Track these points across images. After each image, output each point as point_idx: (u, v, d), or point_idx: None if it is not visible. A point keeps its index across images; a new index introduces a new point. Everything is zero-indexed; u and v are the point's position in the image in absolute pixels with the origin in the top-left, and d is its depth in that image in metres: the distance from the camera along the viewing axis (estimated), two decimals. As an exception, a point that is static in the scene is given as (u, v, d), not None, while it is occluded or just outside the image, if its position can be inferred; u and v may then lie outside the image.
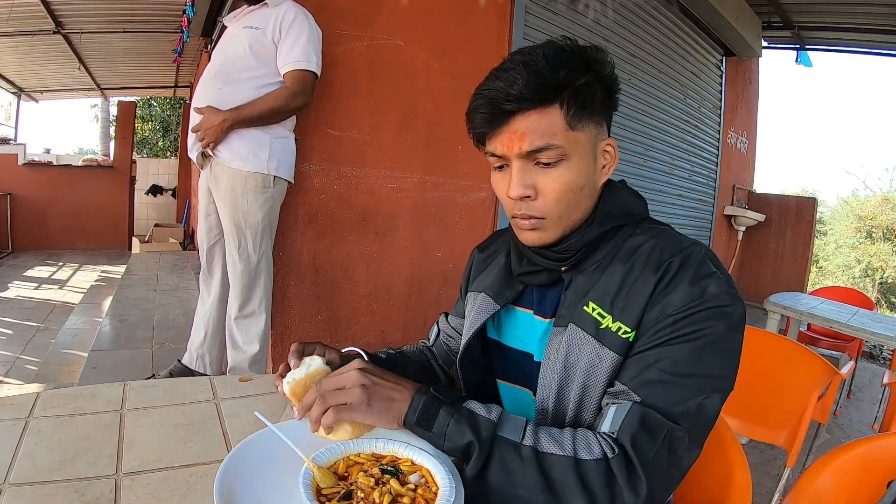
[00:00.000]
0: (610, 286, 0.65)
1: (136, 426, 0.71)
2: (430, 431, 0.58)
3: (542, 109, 0.63)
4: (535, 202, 0.66)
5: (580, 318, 0.65)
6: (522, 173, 0.66)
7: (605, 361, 0.63)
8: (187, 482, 0.60)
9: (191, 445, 0.68)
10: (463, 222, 2.94)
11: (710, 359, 0.59)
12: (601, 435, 0.58)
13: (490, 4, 2.89)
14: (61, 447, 0.64)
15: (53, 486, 0.57)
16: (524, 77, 0.62)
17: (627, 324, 0.62)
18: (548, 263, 0.71)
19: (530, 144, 0.64)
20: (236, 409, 0.80)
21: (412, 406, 0.59)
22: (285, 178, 1.99)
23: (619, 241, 0.69)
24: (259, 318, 1.99)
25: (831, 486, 0.73)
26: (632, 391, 0.59)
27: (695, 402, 0.58)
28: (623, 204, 0.71)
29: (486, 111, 0.65)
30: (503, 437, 0.57)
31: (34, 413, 0.72)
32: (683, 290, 0.60)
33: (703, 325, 0.59)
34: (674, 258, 0.63)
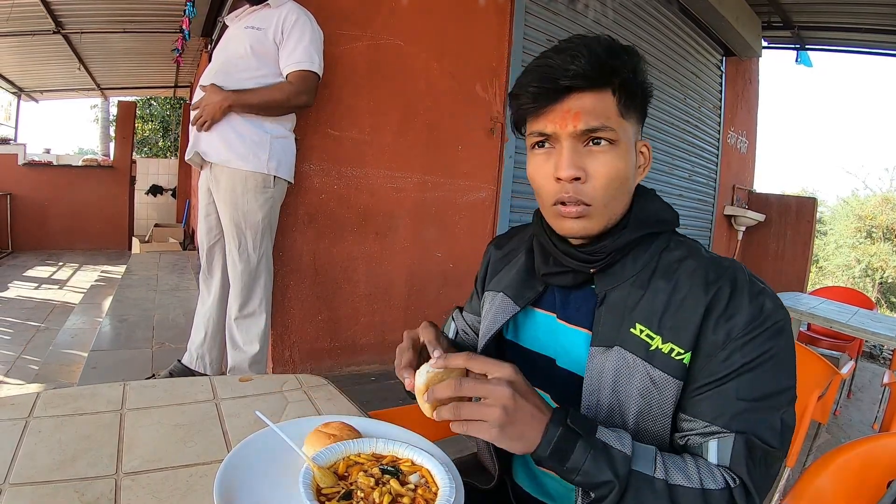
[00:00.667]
0: (656, 305, 0.63)
1: (136, 426, 0.71)
2: (563, 466, 0.54)
3: (598, 92, 0.63)
4: (585, 185, 0.64)
5: (627, 341, 0.63)
6: (573, 154, 0.64)
7: (661, 384, 0.61)
8: (187, 482, 0.60)
9: (191, 445, 0.68)
10: (463, 222, 2.94)
11: (781, 375, 0.60)
12: (717, 467, 0.58)
13: (490, 4, 2.89)
14: (61, 447, 0.64)
15: (53, 486, 0.57)
16: (586, 56, 0.62)
17: (680, 345, 0.60)
18: (575, 264, 0.68)
19: (586, 123, 0.62)
20: (236, 409, 0.80)
21: (546, 438, 0.54)
22: (285, 178, 1.99)
23: (654, 253, 0.67)
24: (259, 318, 1.99)
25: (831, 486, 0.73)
26: (723, 427, 0.59)
27: (778, 419, 0.59)
28: (656, 211, 0.70)
29: (538, 88, 0.63)
30: (638, 471, 0.55)
31: (34, 413, 0.72)
32: (745, 313, 0.60)
33: (768, 346, 0.59)
34: (721, 281, 0.62)
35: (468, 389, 0.55)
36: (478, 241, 3.01)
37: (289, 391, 0.88)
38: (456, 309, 0.94)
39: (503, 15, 2.97)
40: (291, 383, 0.91)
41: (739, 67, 5.36)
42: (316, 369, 2.50)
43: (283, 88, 1.89)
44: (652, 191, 0.74)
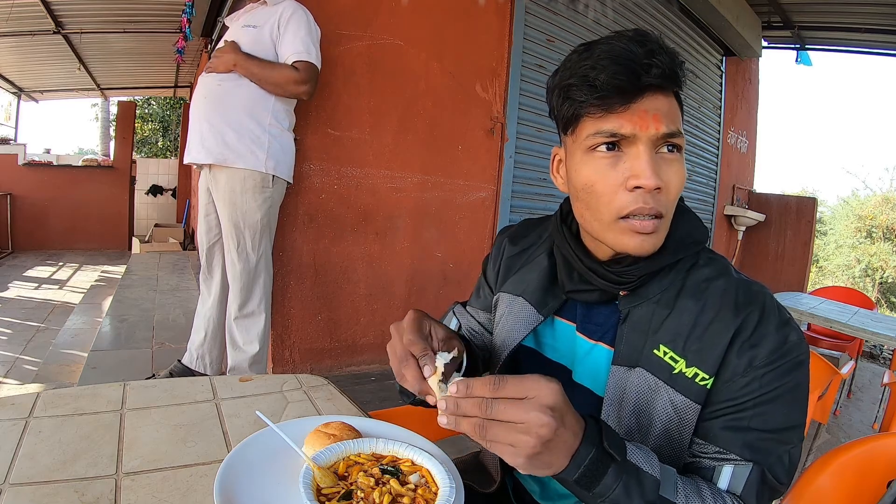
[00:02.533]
0: (681, 326, 0.60)
1: (136, 426, 0.71)
2: (590, 492, 0.49)
3: (668, 95, 0.58)
4: (661, 195, 0.58)
5: (650, 363, 0.60)
6: (654, 161, 0.57)
7: (680, 408, 0.59)
8: (187, 482, 0.60)
9: (191, 445, 0.68)
10: (463, 222, 2.94)
11: (795, 409, 0.59)
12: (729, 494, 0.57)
13: (490, 4, 2.89)
14: (61, 447, 0.64)
15: (53, 486, 0.57)
16: (668, 55, 0.56)
17: (704, 370, 0.58)
18: (604, 284, 0.63)
19: (667, 127, 0.57)
20: (236, 409, 0.80)
21: (575, 461, 0.48)
22: (284, 177, 1.99)
23: (682, 271, 0.63)
24: (259, 317, 1.99)
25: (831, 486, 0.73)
26: (736, 455, 0.57)
27: (787, 455, 0.58)
28: (692, 230, 0.65)
29: (617, 80, 0.55)
30: (665, 497, 0.52)
31: (34, 413, 0.72)
32: (770, 342, 0.57)
33: (787, 379, 0.57)
34: (752, 306, 0.59)
35: (499, 413, 0.46)
36: (478, 241, 3.01)
37: (289, 391, 0.88)
38: (457, 304, 0.87)
39: (503, 15, 2.97)
40: (291, 383, 0.91)
41: (739, 67, 5.36)
42: (316, 369, 2.50)
43: (287, 72, 1.88)
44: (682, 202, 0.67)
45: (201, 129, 1.89)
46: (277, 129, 1.94)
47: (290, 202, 2.33)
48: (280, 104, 1.94)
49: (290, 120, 2.02)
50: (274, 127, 1.93)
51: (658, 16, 4.08)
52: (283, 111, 1.96)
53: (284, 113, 1.98)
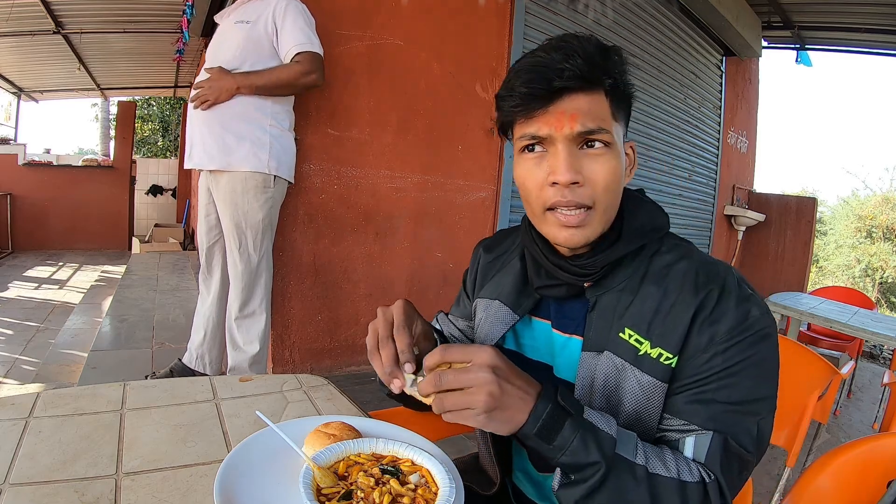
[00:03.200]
0: (645, 310, 0.63)
1: (136, 426, 0.71)
2: (549, 444, 0.53)
3: (592, 93, 0.61)
4: (583, 188, 0.62)
5: (616, 346, 0.63)
6: (571, 156, 0.61)
7: (647, 388, 0.61)
8: (187, 482, 0.60)
9: (191, 445, 0.68)
10: (463, 222, 2.94)
11: (763, 382, 0.60)
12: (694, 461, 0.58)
13: (490, 4, 2.89)
14: (61, 447, 0.64)
15: (53, 486, 0.57)
16: (581, 55, 0.60)
17: (668, 349, 0.60)
18: (568, 278, 0.67)
19: (583, 125, 0.60)
20: (236, 409, 0.80)
21: (534, 414, 0.53)
22: (286, 178, 1.98)
23: (645, 258, 0.66)
24: (259, 317, 1.99)
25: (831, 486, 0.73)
26: (700, 426, 0.59)
27: (755, 426, 0.59)
28: (649, 218, 0.68)
29: (531, 88, 0.60)
30: (622, 456, 0.55)
31: (34, 413, 0.72)
32: (730, 318, 0.60)
33: (752, 352, 0.59)
34: (712, 284, 0.61)
35: (450, 383, 0.52)
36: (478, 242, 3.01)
37: (289, 391, 0.88)
38: (440, 313, 0.91)
39: (503, 15, 2.97)
40: (291, 383, 0.91)
41: (739, 67, 5.36)
42: (316, 369, 2.50)
43: (291, 68, 1.86)
44: (640, 192, 0.72)
45: (202, 135, 1.89)
46: (278, 130, 1.93)
47: (291, 202, 2.33)
48: (278, 105, 1.93)
49: (289, 119, 2.01)
50: (274, 128, 1.92)
51: (658, 16, 4.08)
52: (282, 112, 1.95)
53: (284, 113, 1.97)
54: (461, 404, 0.52)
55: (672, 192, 4.54)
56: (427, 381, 0.54)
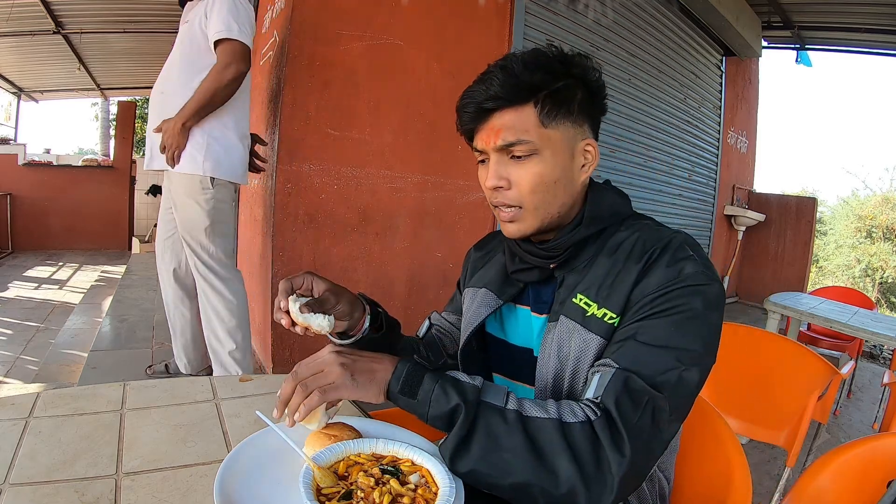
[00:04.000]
0: (595, 278, 0.69)
1: (136, 426, 0.71)
2: (415, 399, 0.59)
3: (517, 108, 0.69)
4: (509, 192, 0.71)
5: (569, 310, 0.69)
6: (498, 165, 0.71)
7: (591, 346, 0.66)
8: (187, 482, 0.60)
9: (191, 445, 0.68)
10: (463, 222, 2.94)
11: (688, 333, 0.61)
12: (585, 401, 0.60)
13: (490, 4, 2.89)
14: (61, 447, 0.64)
15: (53, 486, 0.57)
16: (500, 79, 0.69)
17: (613, 310, 0.66)
18: (537, 261, 0.74)
19: (503, 139, 0.69)
20: (236, 409, 0.80)
21: (395, 374, 0.60)
22: (226, 178, 1.92)
23: (605, 238, 0.73)
24: (226, 315, 1.98)
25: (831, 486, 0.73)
26: (612, 360, 0.61)
27: (674, 373, 0.59)
28: (609, 205, 0.75)
29: (470, 110, 0.72)
30: (487, 401, 0.58)
31: (34, 413, 0.72)
32: (661, 271, 0.64)
33: (679, 302, 0.62)
34: (655, 247, 0.66)
35: (303, 371, 0.61)
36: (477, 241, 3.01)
37: (289, 391, 0.88)
38: (433, 312, 0.99)
39: (503, 15, 2.97)
40: (291, 383, 0.91)
41: (739, 67, 5.35)
42: (316, 369, 2.49)
43: (211, 74, 1.79)
44: (605, 182, 0.79)
45: (152, 136, 1.91)
46: (219, 131, 1.88)
47: (291, 202, 2.34)
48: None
49: (234, 118, 1.93)
50: (215, 129, 1.87)
51: (658, 16, 4.08)
52: (225, 111, 1.89)
53: (228, 112, 1.90)
54: (322, 381, 0.59)
55: (672, 192, 4.54)
56: (286, 386, 0.60)
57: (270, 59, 2.56)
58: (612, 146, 3.81)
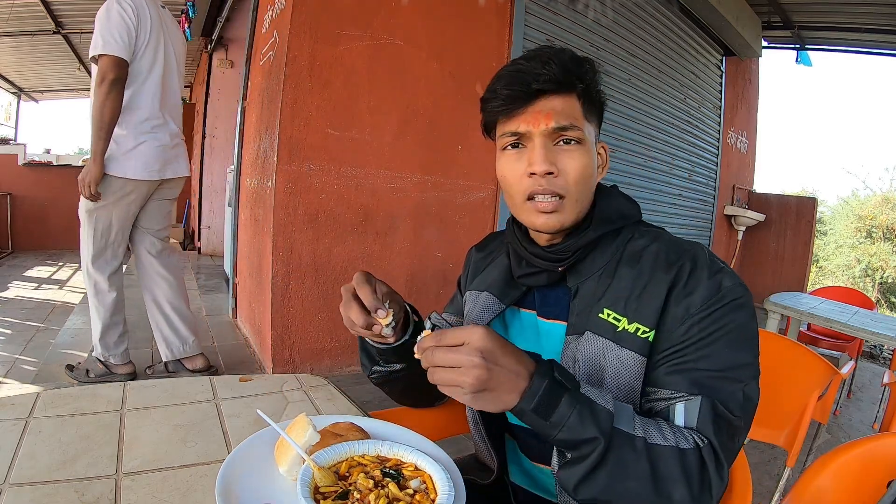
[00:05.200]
0: (621, 290, 0.66)
1: (136, 426, 0.71)
2: (547, 420, 0.54)
3: (565, 96, 0.68)
4: (557, 179, 0.68)
5: (596, 325, 0.66)
6: (546, 150, 0.67)
7: (627, 363, 0.63)
8: (187, 482, 0.60)
9: (191, 445, 0.68)
10: (463, 222, 2.94)
11: (741, 349, 0.61)
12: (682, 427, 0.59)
13: (490, 4, 2.89)
14: (61, 447, 0.64)
15: (53, 486, 0.57)
16: (557, 62, 0.67)
17: (645, 323, 0.63)
18: (545, 265, 0.72)
19: (557, 122, 0.67)
20: (236, 409, 0.80)
21: (530, 390, 0.54)
22: (112, 174, 2.03)
23: (621, 244, 0.71)
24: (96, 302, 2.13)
25: (831, 486, 0.73)
26: (686, 392, 0.60)
27: (740, 392, 0.60)
28: (617, 208, 0.73)
29: (512, 90, 0.67)
30: (620, 429, 0.55)
31: (34, 413, 0.72)
32: (703, 289, 0.62)
33: (727, 320, 0.61)
34: (683, 260, 0.65)
35: (440, 360, 0.54)
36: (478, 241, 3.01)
37: (289, 391, 0.88)
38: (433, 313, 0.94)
39: (503, 15, 2.97)
40: (291, 383, 0.91)
41: (739, 67, 5.35)
42: (316, 369, 2.50)
43: (94, 95, 1.95)
44: (614, 187, 0.77)
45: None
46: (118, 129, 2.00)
47: (291, 202, 2.34)
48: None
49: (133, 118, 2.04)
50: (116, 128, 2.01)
51: (658, 16, 4.08)
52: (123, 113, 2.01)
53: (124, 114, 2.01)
54: (450, 381, 0.54)
55: (672, 192, 4.54)
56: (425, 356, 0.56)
57: (270, 59, 2.56)
58: (613, 146, 3.81)
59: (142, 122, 2.05)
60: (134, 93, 2.03)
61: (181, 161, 2.22)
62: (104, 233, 2.09)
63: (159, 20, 2.08)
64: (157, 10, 2.09)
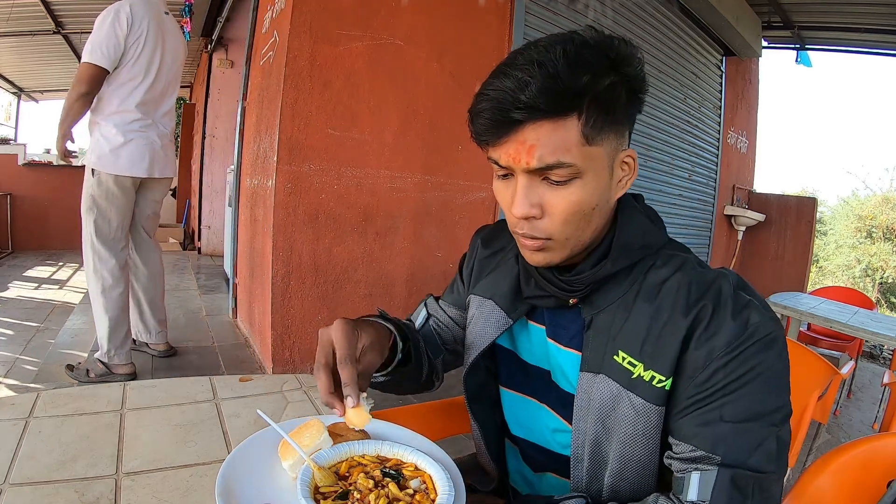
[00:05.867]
0: (637, 330, 0.60)
1: (136, 426, 0.71)
2: None
3: (557, 120, 0.55)
4: (541, 221, 0.59)
5: (611, 369, 0.61)
6: (528, 190, 0.58)
7: (641, 413, 0.59)
8: (187, 482, 0.60)
9: (191, 445, 0.68)
10: (463, 222, 2.94)
11: (771, 392, 0.56)
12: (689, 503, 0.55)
13: (490, 4, 2.89)
14: (61, 447, 0.64)
15: (53, 486, 0.57)
16: (539, 81, 0.53)
17: (661, 372, 0.58)
18: (555, 291, 0.65)
19: (539, 160, 0.56)
20: (236, 409, 0.80)
21: None
22: (102, 170, 2.13)
23: (639, 273, 0.63)
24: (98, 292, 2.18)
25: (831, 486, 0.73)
26: (708, 452, 0.55)
27: (772, 441, 0.55)
28: (641, 234, 0.64)
29: (491, 117, 0.56)
30: None
31: (34, 413, 0.72)
32: (727, 330, 0.56)
33: (755, 362, 0.55)
34: (705, 300, 0.58)
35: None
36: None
37: (289, 391, 0.88)
38: (430, 297, 0.88)
39: (503, 15, 2.97)
40: (291, 383, 0.91)
41: (739, 67, 5.36)
42: (316, 369, 2.50)
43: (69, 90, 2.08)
44: (637, 203, 0.68)
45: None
46: (102, 123, 2.12)
47: (291, 202, 2.34)
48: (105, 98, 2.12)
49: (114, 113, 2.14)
50: (99, 124, 2.13)
51: (658, 16, 4.08)
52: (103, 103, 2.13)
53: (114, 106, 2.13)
54: None
55: (672, 192, 4.54)
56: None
57: (270, 59, 2.56)
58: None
59: (130, 122, 2.16)
60: (126, 95, 2.14)
61: (168, 163, 2.35)
62: (105, 229, 2.17)
63: (158, 28, 2.19)
64: (157, 17, 2.19)
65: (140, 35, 2.11)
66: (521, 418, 0.75)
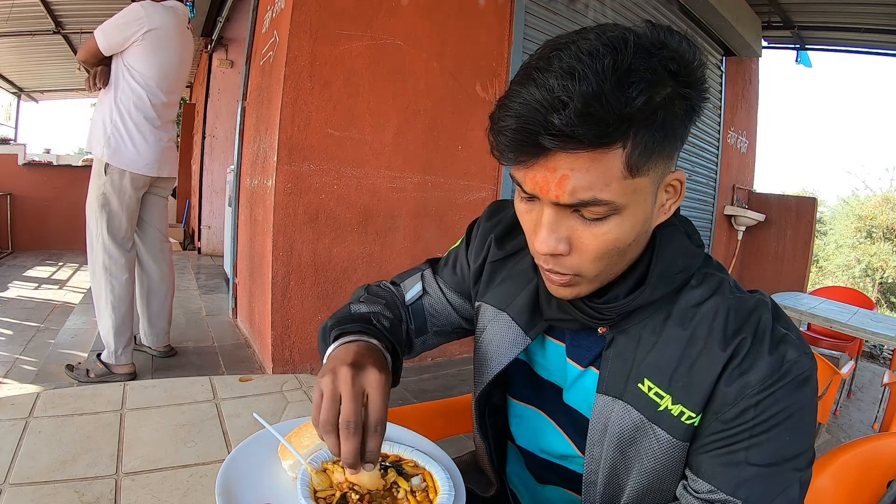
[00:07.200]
0: (667, 358, 0.55)
1: (136, 426, 0.71)
2: None
3: (597, 153, 0.45)
4: (568, 258, 0.52)
5: (634, 397, 0.56)
6: (555, 224, 0.50)
7: (666, 446, 0.55)
8: (187, 482, 0.60)
9: (191, 445, 0.68)
10: (463, 222, 2.94)
11: (799, 433, 0.52)
12: None
13: (490, 4, 2.89)
14: (61, 447, 0.64)
15: (53, 486, 0.57)
16: (578, 102, 0.42)
17: (691, 408, 0.53)
18: (581, 317, 0.59)
19: (572, 195, 0.47)
20: (236, 409, 0.80)
21: None
22: (119, 166, 2.14)
23: (672, 293, 0.57)
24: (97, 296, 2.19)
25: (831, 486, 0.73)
26: (730, 495, 0.51)
27: (796, 486, 0.52)
28: (680, 258, 0.57)
29: (514, 138, 0.47)
30: None
31: (34, 413, 0.72)
32: (763, 366, 0.51)
33: (788, 403, 0.51)
34: (745, 333, 0.53)
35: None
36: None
37: (289, 391, 0.88)
38: (429, 269, 0.79)
39: (503, 15, 2.97)
40: (291, 383, 0.91)
41: (739, 67, 5.36)
42: (316, 369, 2.50)
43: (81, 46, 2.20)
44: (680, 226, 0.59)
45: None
46: (119, 120, 2.14)
47: (291, 202, 2.34)
48: (123, 95, 2.14)
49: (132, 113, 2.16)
50: (115, 119, 2.14)
51: (658, 16, 4.08)
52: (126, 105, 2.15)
53: (130, 105, 2.15)
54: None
55: (672, 192, 4.55)
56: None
57: (270, 59, 2.56)
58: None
59: (145, 122, 2.18)
60: (143, 97, 2.17)
61: (173, 163, 2.37)
62: (118, 228, 2.18)
63: (180, 38, 2.26)
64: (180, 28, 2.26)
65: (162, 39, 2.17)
66: (527, 430, 0.73)
